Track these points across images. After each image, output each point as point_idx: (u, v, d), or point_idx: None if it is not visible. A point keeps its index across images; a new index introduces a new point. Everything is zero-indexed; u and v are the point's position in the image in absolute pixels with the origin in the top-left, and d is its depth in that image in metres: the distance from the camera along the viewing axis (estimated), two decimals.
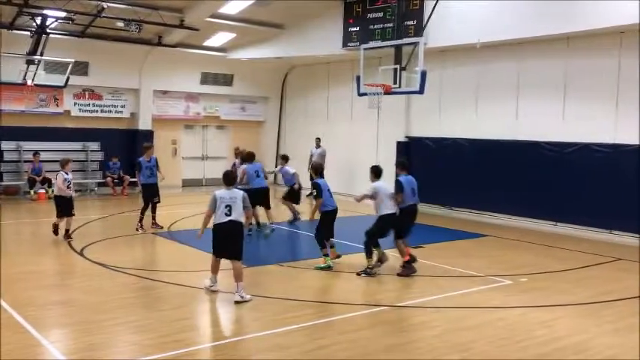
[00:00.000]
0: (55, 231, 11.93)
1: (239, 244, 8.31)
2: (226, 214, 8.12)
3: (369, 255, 9.78)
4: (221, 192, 8.26)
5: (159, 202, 13.43)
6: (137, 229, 13.04)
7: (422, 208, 17.45)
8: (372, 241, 9.77)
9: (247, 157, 13.40)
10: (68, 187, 11.81)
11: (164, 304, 7.97)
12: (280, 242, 12.99)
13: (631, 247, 12.58)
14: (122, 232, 12.84)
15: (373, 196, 9.81)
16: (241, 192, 8.37)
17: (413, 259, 9.90)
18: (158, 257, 11.70)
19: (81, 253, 10.75)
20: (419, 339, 6.81)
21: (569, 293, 8.89)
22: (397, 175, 10.23)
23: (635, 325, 7.44)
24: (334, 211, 10.31)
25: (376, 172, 10.00)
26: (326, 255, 10.14)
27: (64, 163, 11.96)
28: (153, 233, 12.93)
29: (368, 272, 9.67)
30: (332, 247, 10.32)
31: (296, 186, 14.74)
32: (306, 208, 15.26)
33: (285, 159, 15.43)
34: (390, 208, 9.73)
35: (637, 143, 13.12)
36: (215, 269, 8.51)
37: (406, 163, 10.44)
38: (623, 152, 13.38)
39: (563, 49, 14.45)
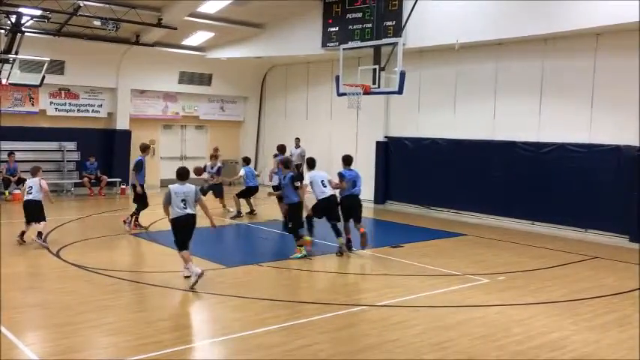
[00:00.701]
0: (22, 237, 11.34)
1: (191, 235, 9.03)
2: (183, 208, 8.76)
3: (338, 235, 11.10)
4: (175, 187, 8.84)
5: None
6: (135, 227, 13.03)
7: (401, 207, 17.74)
8: (309, 219, 11.47)
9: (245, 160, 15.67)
10: (29, 193, 11.49)
11: (142, 306, 7.91)
12: (259, 242, 12.96)
13: (605, 245, 12.80)
14: (100, 233, 12.70)
15: (310, 184, 11.18)
16: (194, 186, 8.91)
17: (349, 243, 11.35)
18: (136, 258, 11.60)
19: (57, 255, 10.61)
20: (399, 338, 6.85)
21: (545, 291, 9.01)
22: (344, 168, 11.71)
23: (610, 323, 7.57)
24: (299, 204, 11.08)
25: (310, 163, 11.76)
26: (300, 246, 10.76)
27: (35, 171, 11.83)
28: (133, 234, 12.81)
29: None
30: (301, 237, 10.92)
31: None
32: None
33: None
34: (323, 194, 11.11)
35: (611, 143, 13.36)
36: (187, 259, 8.94)
37: (350, 159, 11.88)
38: (597, 152, 13.60)
39: (540, 50, 14.65)
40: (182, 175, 8.97)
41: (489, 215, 15.67)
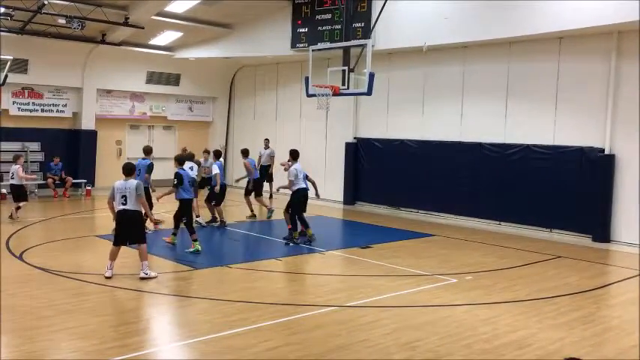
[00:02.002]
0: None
1: (138, 229, 9.23)
2: (122, 204, 8.97)
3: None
4: (118, 183, 9.07)
5: None
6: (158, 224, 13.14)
7: (370, 208, 17.83)
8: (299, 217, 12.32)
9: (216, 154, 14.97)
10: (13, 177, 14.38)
11: (108, 309, 7.78)
12: (229, 244, 12.88)
13: (569, 245, 13.07)
14: (64, 236, 12.45)
15: (295, 176, 12.03)
16: (135, 182, 9.07)
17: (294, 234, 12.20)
18: (101, 261, 11.33)
19: (20, 257, 10.37)
20: (368, 338, 6.87)
21: (511, 290, 9.15)
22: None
23: (574, 321, 7.72)
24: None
25: (295, 156, 12.47)
26: (195, 240, 11.12)
27: (15, 159, 14.66)
28: (96, 236, 12.61)
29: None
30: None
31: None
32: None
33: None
34: (303, 185, 11.96)
35: (574, 145, 13.66)
36: (113, 256, 9.15)
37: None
38: (561, 154, 13.89)
39: (506, 53, 14.89)
40: (126, 170, 9.14)
41: (457, 216, 15.86)
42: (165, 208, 14.73)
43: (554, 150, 14.03)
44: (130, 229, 9.07)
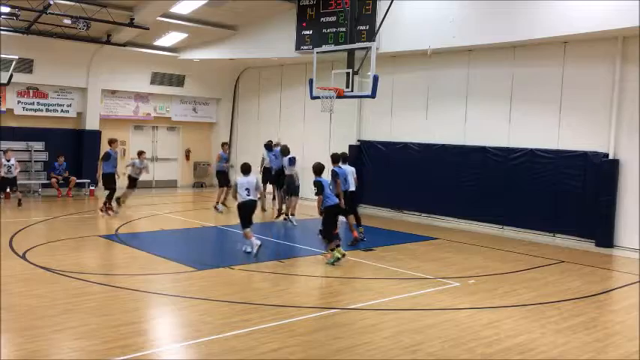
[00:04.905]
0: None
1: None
2: (247, 195, 10.76)
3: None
4: (241, 179, 10.99)
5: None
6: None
7: (373, 210, 17.79)
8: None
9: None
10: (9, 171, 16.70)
11: (110, 309, 7.77)
12: (232, 245, 12.86)
13: (573, 250, 13.03)
14: (67, 235, 12.47)
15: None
16: (255, 177, 11.06)
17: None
18: (104, 260, 11.40)
19: (23, 257, 10.38)
20: (370, 341, 6.85)
21: (514, 295, 9.13)
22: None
23: (576, 326, 7.69)
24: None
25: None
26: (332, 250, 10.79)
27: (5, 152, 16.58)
28: (99, 236, 12.63)
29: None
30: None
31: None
32: None
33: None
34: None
35: (578, 150, 13.63)
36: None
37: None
38: (565, 158, 13.85)
39: (510, 57, 14.87)
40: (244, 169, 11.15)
41: (460, 219, 15.83)
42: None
43: (558, 154, 14.00)
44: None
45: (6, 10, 14.76)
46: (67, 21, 15.54)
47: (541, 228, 14.29)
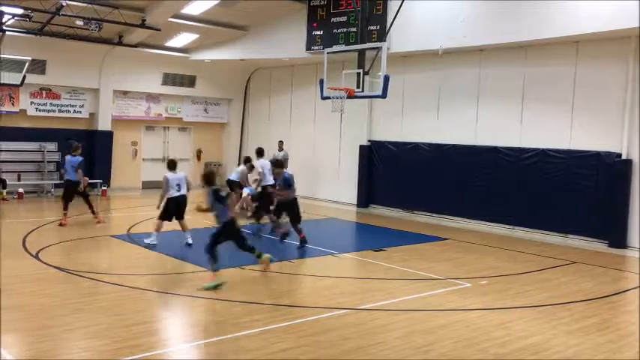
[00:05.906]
0: None
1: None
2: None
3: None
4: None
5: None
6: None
7: (383, 211, 17.76)
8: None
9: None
10: None
11: (121, 309, 7.81)
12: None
13: (585, 250, 12.92)
14: (80, 235, 12.55)
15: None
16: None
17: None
18: (116, 260, 11.45)
19: (36, 256, 10.46)
20: (381, 341, 6.83)
21: (525, 296, 9.07)
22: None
23: (589, 327, 7.63)
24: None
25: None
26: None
27: None
28: (111, 236, 12.69)
29: None
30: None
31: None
32: None
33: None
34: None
35: (591, 150, 13.53)
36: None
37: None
38: (577, 158, 13.75)
39: (522, 57, 14.78)
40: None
41: (471, 219, 15.75)
42: None
43: (570, 154, 13.90)
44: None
45: (19, 11, 14.87)
46: (80, 22, 15.65)
47: (553, 228, 14.19)
